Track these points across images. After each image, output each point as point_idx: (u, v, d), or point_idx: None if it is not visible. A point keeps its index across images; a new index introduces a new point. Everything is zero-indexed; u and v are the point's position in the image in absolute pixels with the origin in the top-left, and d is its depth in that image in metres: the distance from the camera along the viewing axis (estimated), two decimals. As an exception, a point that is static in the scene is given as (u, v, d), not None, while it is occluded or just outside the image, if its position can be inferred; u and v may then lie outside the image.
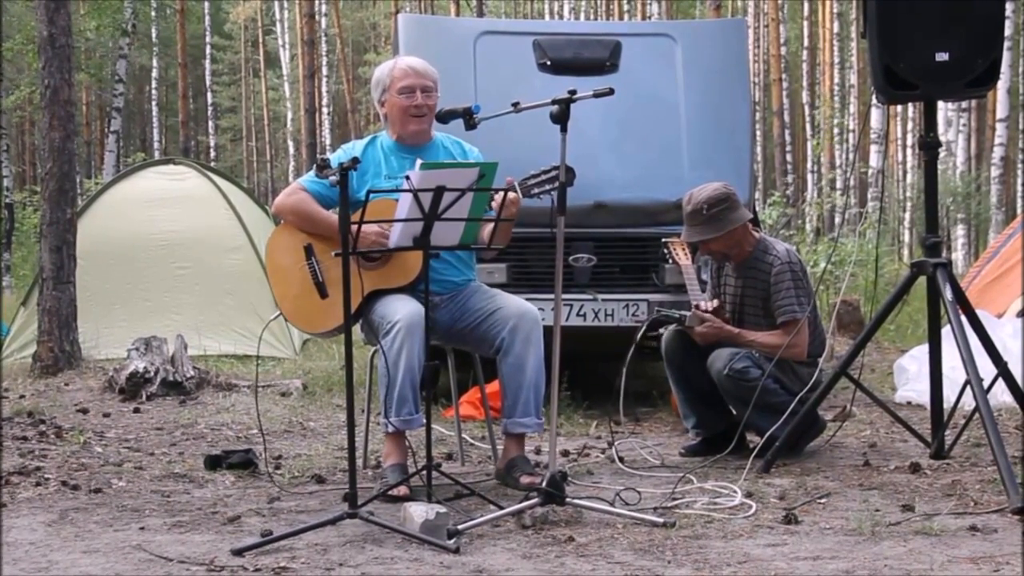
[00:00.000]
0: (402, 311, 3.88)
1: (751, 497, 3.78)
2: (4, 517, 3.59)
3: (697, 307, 4.58)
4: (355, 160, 3.49)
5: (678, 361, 4.67)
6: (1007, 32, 13.81)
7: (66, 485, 4.05)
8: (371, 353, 4.34)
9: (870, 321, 4.58)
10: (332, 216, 4.08)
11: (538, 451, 4.63)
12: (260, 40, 37.89)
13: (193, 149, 30.37)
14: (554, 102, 3.54)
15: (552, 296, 3.64)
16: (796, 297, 4.51)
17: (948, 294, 4.09)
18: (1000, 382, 4.18)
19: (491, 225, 3.93)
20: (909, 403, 5.75)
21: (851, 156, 24.12)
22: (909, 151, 23.45)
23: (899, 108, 21.75)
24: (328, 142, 27.23)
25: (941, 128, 17.72)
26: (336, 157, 4.08)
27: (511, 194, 3.79)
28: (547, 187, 3.75)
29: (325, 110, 27.99)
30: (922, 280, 4.30)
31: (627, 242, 5.77)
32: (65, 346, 7.24)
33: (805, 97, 26.02)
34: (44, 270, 7.34)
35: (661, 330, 4.69)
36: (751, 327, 4.58)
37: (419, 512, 3.32)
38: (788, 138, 25.59)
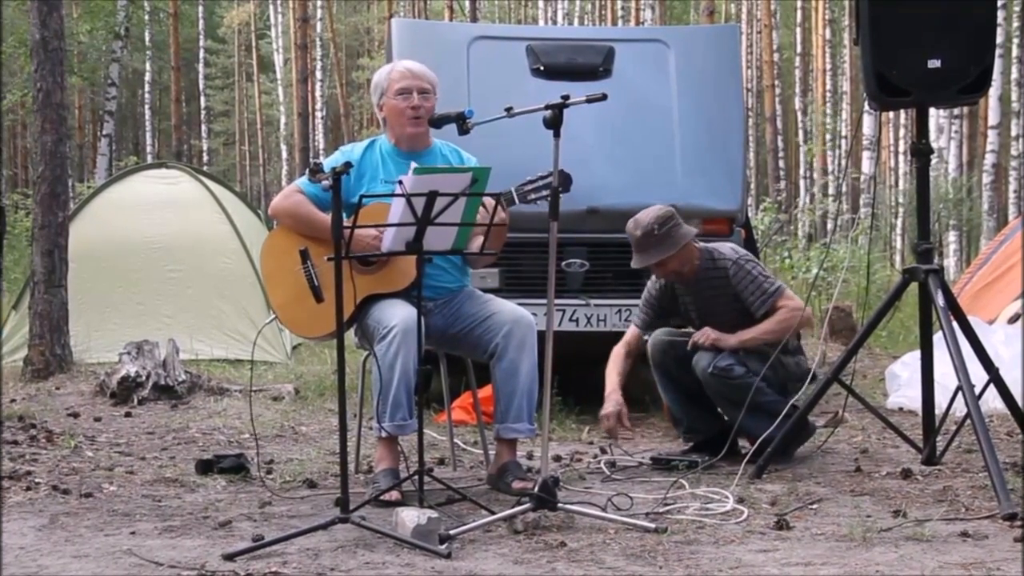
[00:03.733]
0: (398, 316, 3.87)
1: (743, 503, 3.78)
2: (-5, 521, 3.58)
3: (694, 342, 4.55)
4: (347, 164, 3.48)
5: (665, 365, 4.67)
6: (998, 39, 13.83)
7: (57, 489, 4.04)
8: (363, 357, 4.33)
9: (862, 327, 4.59)
10: (329, 219, 4.06)
11: (530, 456, 4.63)
12: (254, 44, 37.84)
13: (186, 153, 30.35)
14: (547, 107, 3.54)
15: (545, 301, 3.63)
16: (764, 279, 4.53)
17: (940, 300, 4.10)
18: (991, 388, 4.18)
19: (483, 234, 3.92)
20: (901, 409, 5.76)
21: (843, 162, 24.19)
22: (901, 157, 23.52)
23: (891, 114, 21.80)
24: (321, 146, 27.17)
25: (933, 135, 17.75)
26: (332, 160, 4.08)
27: (500, 213, 3.79)
28: (544, 193, 3.75)
29: (318, 114, 27.94)
30: (914, 286, 4.30)
31: (620, 247, 5.73)
32: (56, 350, 7.23)
33: (798, 103, 26.07)
34: (36, 274, 7.33)
35: (646, 336, 4.69)
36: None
37: (411, 517, 3.32)
38: (781, 144, 25.65)
